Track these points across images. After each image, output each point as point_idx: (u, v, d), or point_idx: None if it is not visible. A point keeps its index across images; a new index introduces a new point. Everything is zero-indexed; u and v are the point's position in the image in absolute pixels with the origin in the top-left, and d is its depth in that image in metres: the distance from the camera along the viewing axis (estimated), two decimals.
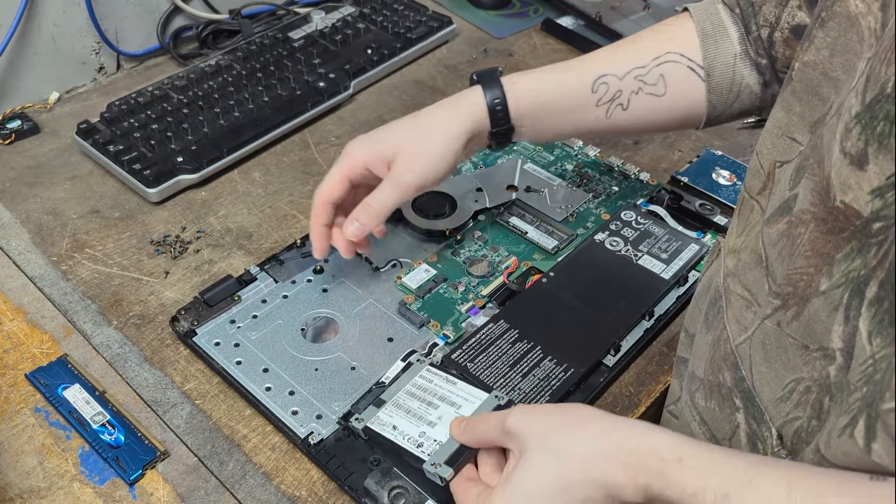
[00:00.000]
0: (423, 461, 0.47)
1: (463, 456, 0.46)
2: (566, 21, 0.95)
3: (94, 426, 0.51)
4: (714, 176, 0.73)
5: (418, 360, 0.54)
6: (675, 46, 0.54)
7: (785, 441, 0.38)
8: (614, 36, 0.90)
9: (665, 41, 0.55)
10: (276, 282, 0.61)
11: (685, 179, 0.72)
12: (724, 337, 0.43)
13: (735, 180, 0.73)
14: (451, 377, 0.52)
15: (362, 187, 0.56)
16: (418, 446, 0.48)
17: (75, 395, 0.53)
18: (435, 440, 0.48)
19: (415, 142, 0.54)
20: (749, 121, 0.81)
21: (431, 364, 0.53)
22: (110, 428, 0.51)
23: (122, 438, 0.51)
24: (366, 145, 0.55)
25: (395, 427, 0.49)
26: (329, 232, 0.57)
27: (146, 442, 0.51)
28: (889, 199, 0.31)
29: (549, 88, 0.55)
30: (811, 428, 0.36)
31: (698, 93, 0.54)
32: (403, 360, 0.55)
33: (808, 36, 0.40)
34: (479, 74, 0.55)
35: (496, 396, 0.50)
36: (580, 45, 0.92)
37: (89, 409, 0.52)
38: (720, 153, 0.76)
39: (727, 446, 0.43)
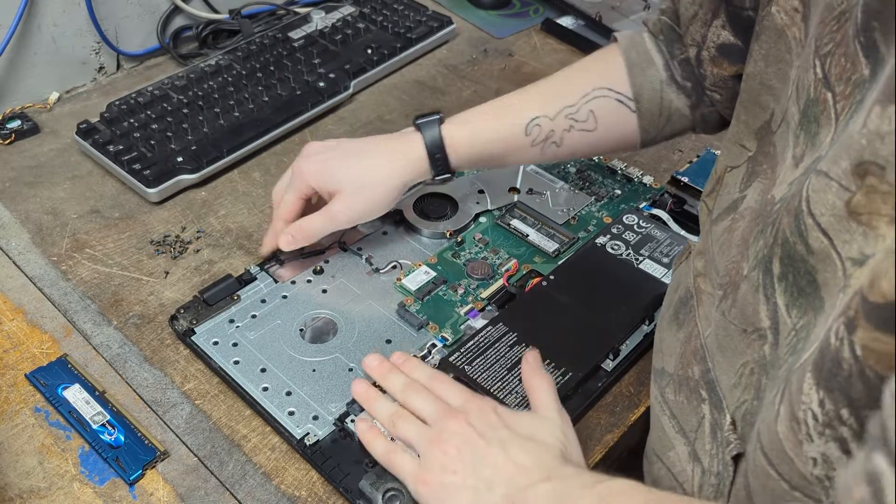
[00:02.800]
0: None
1: None
2: (566, 21, 0.95)
3: (94, 426, 0.51)
4: None
5: None
6: (604, 80, 0.57)
7: (737, 426, 0.40)
8: None
9: (593, 76, 0.57)
10: (276, 282, 0.61)
11: (685, 179, 0.72)
12: (696, 333, 0.45)
13: None
14: None
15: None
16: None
17: (75, 395, 0.53)
18: None
19: (355, 186, 0.58)
20: None
21: None
22: (110, 428, 0.51)
23: (122, 438, 0.51)
24: (315, 175, 0.58)
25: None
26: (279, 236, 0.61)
27: (146, 442, 0.51)
28: (794, 188, 0.34)
29: (487, 139, 0.58)
30: (753, 409, 0.38)
31: (629, 122, 0.57)
32: None
33: (750, 49, 0.43)
34: (421, 124, 0.58)
35: None
36: (580, 45, 0.92)
37: (89, 409, 0.52)
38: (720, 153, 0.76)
39: (693, 438, 0.44)
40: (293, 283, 0.61)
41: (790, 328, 0.34)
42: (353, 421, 0.51)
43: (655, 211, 0.68)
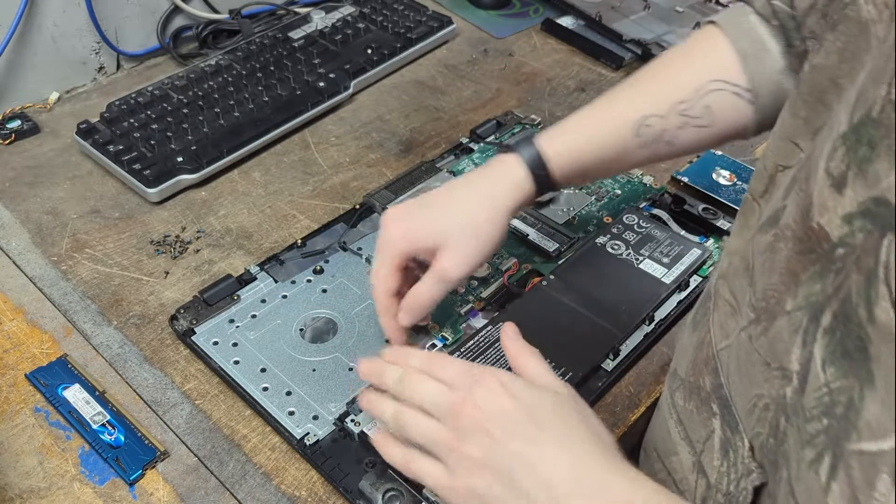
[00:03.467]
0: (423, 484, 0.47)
1: None
2: (566, 21, 0.95)
3: (94, 426, 0.51)
4: (714, 176, 0.73)
5: None
6: (716, 72, 0.51)
7: (755, 454, 0.38)
8: (614, 36, 0.90)
9: (702, 67, 0.51)
10: (276, 282, 0.61)
11: (685, 179, 0.72)
12: (708, 341, 0.43)
13: (735, 180, 0.73)
14: None
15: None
16: None
17: (75, 395, 0.53)
18: None
19: (460, 231, 0.51)
20: None
21: None
22: (110, 428, 0.51)
23: (122, 438, 0.51)
24: (406, 233, 0.51)
25: None
26: (396, 318, 0.53)
27: (146, 442, 0.51)
28: (855, 227, 0.30)
29: (595, 148, 0.52)
30: (769, 445, 0.36)
31: (745, 114, 0.51)
32: None
33: (820, 37, 0.38)
34: (515, 144, 0.52)
35: None
36: (580, 45, 0.92)
37: (89, 409, 0.52)
38: (720, 153, 0.76)
39: (700, 449, 0.42)
40: (293, 283, 0.61)
41: (822, 384, 0.32)
42: (353, 421, 0.51)
43: (655, 211, 0.68)
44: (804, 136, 0.39)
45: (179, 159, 0.70)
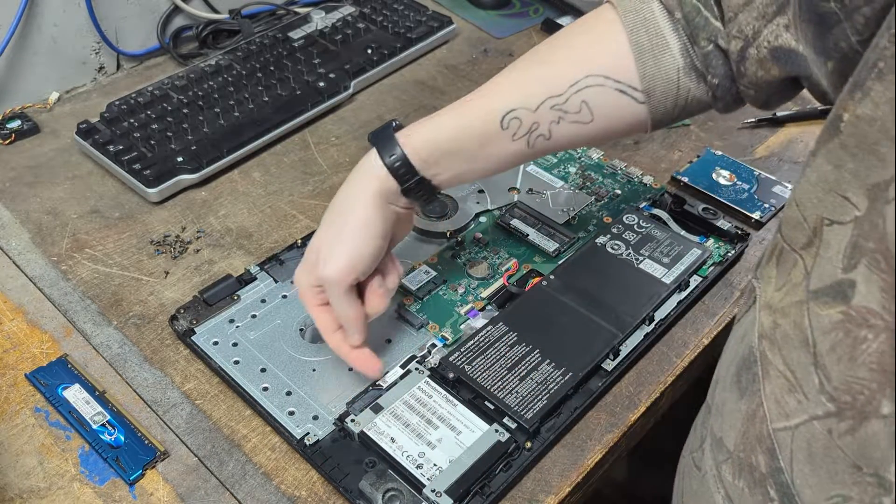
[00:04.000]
0: (423, 486, 0.47)
1: (465, 486, 0.47)
2: (566, 21, 0.95)
3: (94, 426, 0.51)
4: (714, 176, 0.73)
5: (417, 370, 0.54)
6: (598, 65, 0.47)
7: None
8: None
9: (582, 60, 0.47)
10: (276, 282, 0.61)
11: (685, 179, 0.72)
12: (761, 415, 0.37)
13: (735, 180, 0.73)
14: (451, 397, 0.52)
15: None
16: (418, 467, 0.48)
17: (75, 395, 0.53)
18: (435, 464, 0.48)
19: (328, 234, 0.50)
20: (749, 121, 0.81)
21: (430, 376, 0.54)
22: (110, 428, 0.51)
23: (122, 438, 0.51)
24: (301, 268, 0.52)
25: (393, 440, 0.49)
26: (366, 350, 0.53)
27: (146, 442, 0.51)
28: None
29: (451, 135, 0.49)
30: None
31: (634, 112, 0.48)
32: (402, 366, 0.55)
33: (862, 86, 0.33)
34: (373, 134, 0.50)
35: (496, 431, 0.50)
36: None
37: (89, 409, 0.52)
38: (720, 153, 0.76)
39: None
40: (293, 282, 0.61)
41: None
42: (353, 421, 0.51)
43: (655, 211, 0.68)
44: (856, 190, 0.33)
45: (179, 159, 0.70)
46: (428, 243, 0.65)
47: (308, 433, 0.51)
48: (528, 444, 0.51)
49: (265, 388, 0.54)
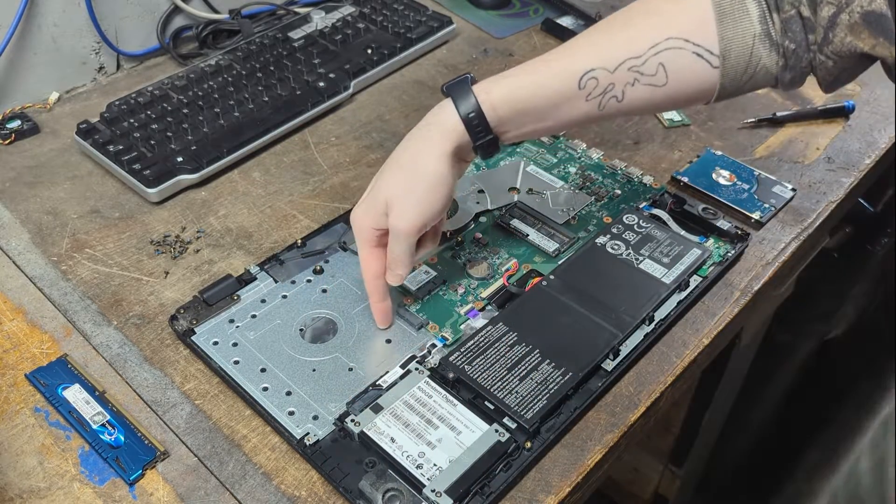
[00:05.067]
0: (423, 486, 0.47)
1: (464, 486, 0.47)
2: (566, 21, 0.95)
3: (94, 426, 0.51)
4: (714, 176, 0.73)
5: (417, 370, 0.54)
6: (678, 28, 0.48)
7: None
8: None
9: (663, 24, 0.49)
10: (276, 282, 0.61)
11: (685, 179, 0.72)
12: None
13: (735, 180, 0.73)
14: (451, 397, 0.52)
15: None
16: (418, 467, 0.48)
17: (75, 395, 0.53)
18: (435, 464, 0.48)
19: (399, 184, 0.52)
20: (749, 120, 0.81)
21: (430, 377, 0.54)
22: (110, 428, 0.51)
23: (122, 438, 0.51)
24: (364, 210, 0.53)
25: (393, 440, 0.49)
26: (389, 305, 0.56)
27: (146, 442, 0.51)
28: None
29: (530, 93, 0.50)
30: None
31: (707, 77, 0.49)
32: (402, 366, 0.55)
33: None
34: (449, 86, 0.51)
35: (496, 431, 0.50)
36: None
37: (89, 409, 0.52)
38: (720, 153, 0.76)
39: None
40: (293, 283, 0.61)
41: None
42: (353, 421, 0.51)
43: (655, 211, 0.68)
44: None
45: (179, 159, 0.70)
46: None
47: (308, 433, 0.51)
48: (528, 444, 0.51)
49: (265, 388, 0.54)
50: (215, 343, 0.57)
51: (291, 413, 0.52)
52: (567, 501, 0.51)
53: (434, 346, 0.57)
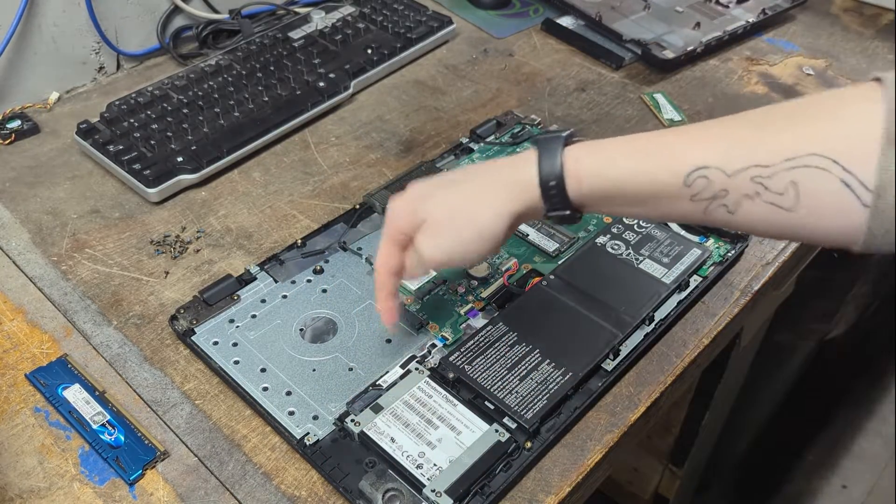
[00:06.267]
0: (423, 486, 0.47)
1: (465, 486, 0.47)
2: (566, 21, 0.95)
3: (94, 426, 0.51)
4: None
5: (417, 370, 0.54)
6: (825, 145, 0.37)
7: None
8: (614, 36, 0.90)
9: (810, 134, 0.38)
10: (276, 282, 0.61)
11: None
12: None
13: None
14: (451, 397, 0.52)
15: None
16: (418, 467, 0.48)
17: (75, 395, 0.53)
18: (435, 464, 0.48)
19: (443, 215, 0.46)
20: None
21: (430, 376, 0.54)
22: (110, 428, 0.51)
23: (122, 438, 0.51)
24: (403, 209, 0.48)
25: (393, 440, 0.49)
26: (395, 303, 0.52)
27: (146, 442, 0.51)
28: None
29: (623, 177, 0.42)
30: None
31: (851, 216, 0.37)
32: (402, 366, 0.55)
33: None
34: (540, 140, 0.44)
35: (496, 431, 0.50)
36: (580, 45, 0.92)
37: (89, 409, 0.52)
38: None
39: None
40: (293, 283, 0.61)
41: None
42: (353, 421, 0.51)
43: None
44: None
45: (179, 159, 0.70)
46: None
47: (308, 433, 0.51)
48: (528, 444, 0.51)
49: (265, 388, 0.54)
50: (215, 343, 0.57)
51: (291, 413, 0.52)
52: (567, 501, 0.51)
53: (434, 346, 0.57)
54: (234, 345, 0.56)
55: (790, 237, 0.43)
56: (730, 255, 0.65)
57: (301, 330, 0.58)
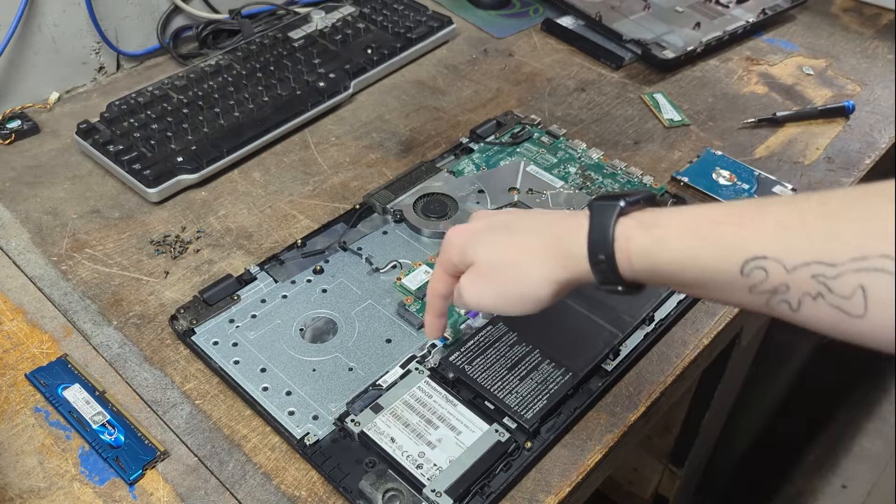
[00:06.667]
0: (423, 486, 0.47)
1: (464, 486, 0.47)
2: (566, 21, 0.95)
3: (94, 426, 0.51)
4: (714, 176, 0.73)
5: (417, 370, 0.54)
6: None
7: None
8: (614, 36, 0.90)
9: (882, 231, 0.32)
10: (276, 282, 0.61)
11: (685, 179, 0.72)
12: None
13: (735, 180, 0.73)
14: (451, 397, 0.52)
15: None
16: (418, 467, 0.48)
17: (75, 395, 0.53)
18: (435, 464, 0.48)
19: (490, 264, 0.45)
20: (749, 120, 0.81)
21: (430, 376, 0.54)
22: (110, 428, 0.51)
23: (122, 438, 0.51)
24: (457, 244, 0.46)
25: (393, 440, 0.49)
26: (443, 321, 0.51)
27: (146, 442, 0.51)
28: None
29: (677, 261, 0.38)
30: None
31: None
32: (402, 366, 0.55)
33: None
34: (595, 206, 0.41)
35: (496, 431, 0.50)
36: (580, 45, 0.92)
37: (89, 409, 0.52)
38: (720, 153, 0.76)
39: None
40: (293, 282, 0.61)
41: None
42: (353, 421, 0.51)
43: None
44: None
45: (179, 159, 0.70)
46: (428, 243, 0.65)
47: (308, 433, 0.51)
48: (528, 444, 0.51)
49: (265, 388, 0.54)
50: (215, 343, 0.57)
51: (291, 413, 0.52)
52: (567, 501, 0.51)
53: (434, 346, 0.57)
54: (234, 345, 0.56)
55: (865, 345, 0.36)
56: None
57: (301, 330, 0.58)
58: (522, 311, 0.45)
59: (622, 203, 0.40)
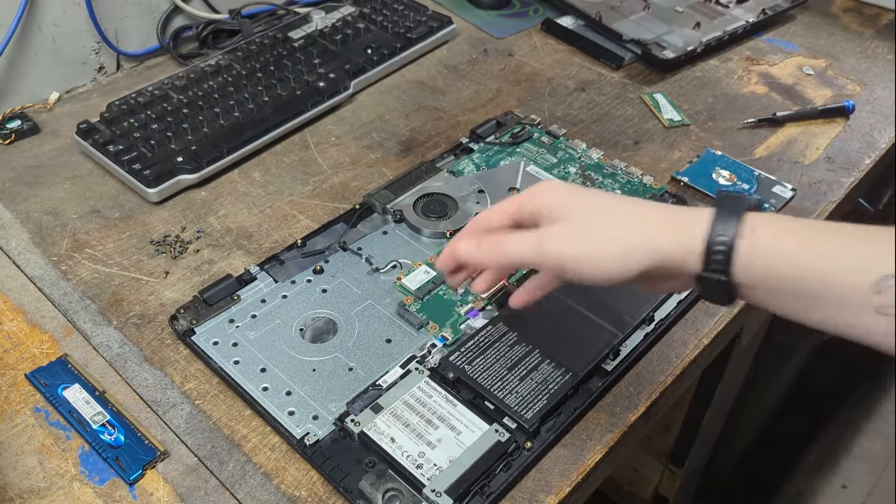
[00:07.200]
0: (423, 486, 0.47)
1: (464, 486, 0.47)
2: (566, 21, 0.95)
3: (94, 426, 0.51)
4: (714, 176, 0.73)
5: (417, 370, 0.54)
6: None
7: None
8: (614, 36, 0.90)
9: None
10: (276, 282, 0.61)
11: (685, 179, 0.72)
12: None
13: (735, 180, 0.73)
14: (451, 397, 0.52)
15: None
16: (418, 467, 0.48)
17: (75, 395, 0.53)
18: (435, 464, 0.48)
19: (586, 220, 0.41)
20: (749, 120, 0.81)
21: (430, 377, 0.54)
22: (110, 428, 0.51)
23: (122, 438, 0.51)
24: (551, 193, 0.42)
25: (393, 440, 0.49)
26: (461, 277, 0.48)
27: (146, 442, 0.51)
28: None
29: (800, 262, 0.36)
30: None
31: None
32: (402, 366, 0.55)
33: None
34: (722, 198, 0.39)
35: (496, 431, 0.50)
36: (580, 45, 0.92)
37: (89, 409, 0.52)
38: (720, 153, 0.76)
39: None
40: (293, 282, 0.61)
41: None
42: (353, 421, 0.51)
43: None
44: None
45: (179, 159, 0.70)
46: (428, 243, 0.65)
47: (308, 433, 0.51)
48: (528, 444, 0.51)
49: (265, 388, 0.54)
50: (215, 343, 0.57)
51: (291, 413, 0.52)
52: (567, 501, 0.51)
53: (434, 345, 0.57)
54: (234, 345, 0.56)
55: None
56: None
57: (301, 330, 0.58)
58: (598, 275, 0.40)
59: (752, 200, 0.38)
